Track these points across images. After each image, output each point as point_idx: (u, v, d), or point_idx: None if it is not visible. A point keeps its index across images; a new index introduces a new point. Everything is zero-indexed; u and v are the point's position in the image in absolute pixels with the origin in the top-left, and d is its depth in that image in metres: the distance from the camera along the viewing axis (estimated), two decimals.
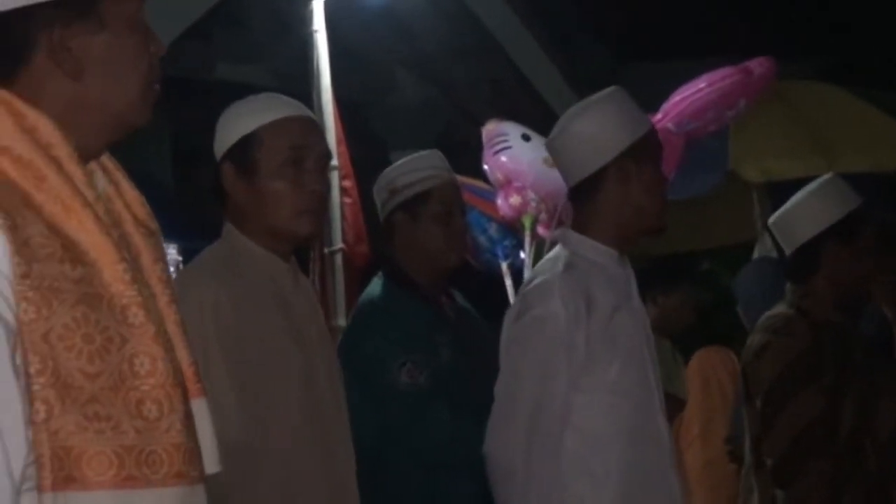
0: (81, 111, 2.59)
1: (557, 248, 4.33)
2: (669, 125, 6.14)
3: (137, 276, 2.52)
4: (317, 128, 4.12)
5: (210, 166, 3.84)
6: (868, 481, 4.98)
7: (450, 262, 5.09)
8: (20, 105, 2.52)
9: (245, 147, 3.81)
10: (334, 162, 5.94)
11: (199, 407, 2.61)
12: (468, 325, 5.07)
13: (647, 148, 4.27)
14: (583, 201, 4.31)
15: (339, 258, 6.05)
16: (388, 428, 4.82)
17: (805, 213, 5.20)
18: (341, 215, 6.11)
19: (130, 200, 2.70)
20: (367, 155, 6.88)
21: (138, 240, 2.64)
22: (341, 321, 5.89)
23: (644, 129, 4.30)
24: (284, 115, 3.89)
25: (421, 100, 10.04)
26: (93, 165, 2.63)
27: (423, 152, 5.29)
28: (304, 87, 6.02)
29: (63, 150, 2.51)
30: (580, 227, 4.28)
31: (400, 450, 4.83)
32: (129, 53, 2.60)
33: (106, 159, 2.69)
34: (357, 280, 6.11)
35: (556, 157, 4.45)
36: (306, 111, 4.03)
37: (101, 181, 2.65)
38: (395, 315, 4.96)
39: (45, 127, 2.52)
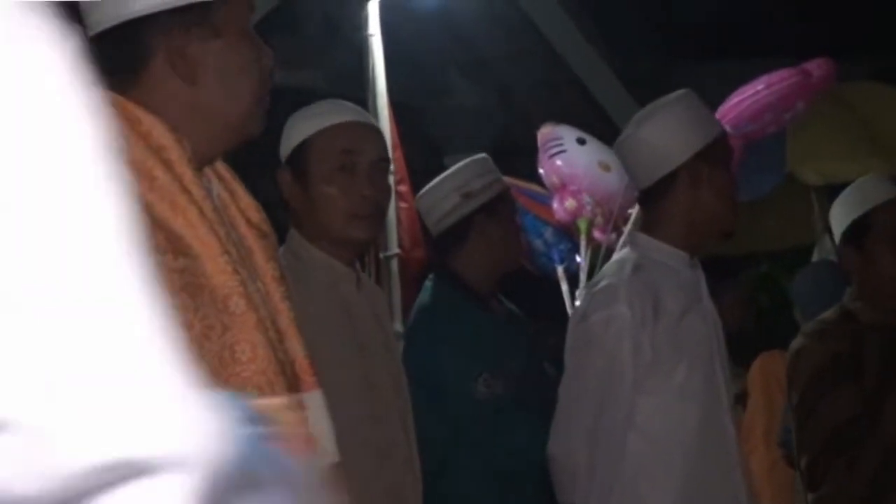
0: (195, 117, 2.67)
1: (625, 251, 4.32)
2: (727, 127, 6.07)
3: (243, 270, 2.60)
4: (372, 132, 4.11)
5: (267, 172, 3.85)
6: None
7: (514, 264, 5.14)
8: (136, 110, 2.59)
9: (300, 154, 3.85)
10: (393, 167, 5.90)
11: (315, 398, 2.71)
12: (519, 328, 5.06)
13: (718, 151, 4.25)
14: (652, 204, 4.30)
15: (394, 263, 6.06)
16: (460, 436, 4.79)
17: (837, 212, 5.12)
18: (397, 220, 6.07)
19: (245, 206, 2.80)
20: (422, 160, 6.85)
21: (252, 241, 2.74)
22: (398, 326, 5.81)
23: (716, 133, 4.29)
24: (338, 120, 3.91)
25: (476, 104, 10.06)
26: (209, 173, 2.74)
27: (478, 156, 5.32)
28: (358, 92, 6.01)
29: (174, 153, 2.58)
30: (649, 229, 4.28)
31: (471, 458, 4.80)
32: (241, 62, 2.66)
33: (223, 169, 2.81)
34: (413, 285, 6.08)
35: (625, 159, 4.44)
36: (364, 116, 4.08)
37: (216, 187, 2.75)
38: (462, 323, 4.94)
39: (159, 131, 2.59)
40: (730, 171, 4.32)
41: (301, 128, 3.89)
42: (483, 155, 5.36)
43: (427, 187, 5.26)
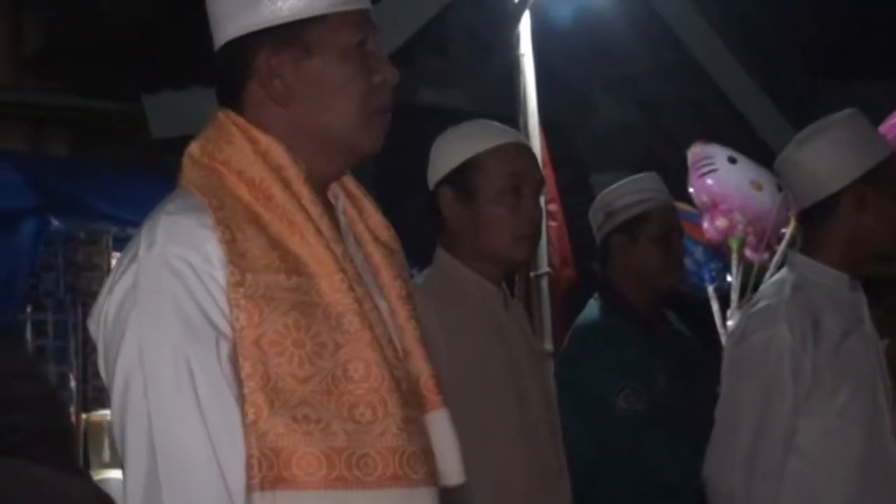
0: (299, 136, 2.66)
1: (783, 271, 4.28)
2: None
3: (360, 287, 2.60)
4: (532, 154, 4.14)
5: (414, 191, 3.87)
6: None
7: (666, 284, 5.09)
8: (254, 131, 2.62)
9: (465, 172, 3.84)
10: None
11: (440, 418, 2.68)
12: (684, 348, 5.04)
13: (885, 174, 4.16)
14: (814, 224, 4.24)
15: (544, 282, 6.05)
16: (604, 452, 4.79)
17: None
18: (547, 239, 6.08)
19: (374, 224, 2.80)
20: (570, 178, 6.85)
21: (379, 259, 2.75)
22: (547, 345, 5.89)
23: (883, 155, 4.20)
24: (503, 141, 3.91)
25: (622, 122, 10.06)
26: (336, 191, 2.75)
27: (639, 175, 5.30)
28: (507, 111, 6.02)
29: (291, 171, 2.60)
30: (809, 250, 4.22)
31: (616, 474, 4.81)
32: (337, 81, 2.64)
33: (353, 186, 2.80)
34: (563, 303, 6.12)
35: (786, 178, 4.40)
36: (521, 137, 4.09)
37: (344, 204, 2.76)
38: (613, 340, 4.95)
39: (276, 150, 2.62)
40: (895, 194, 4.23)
41: (465, 146, 3.88)
42: (646, 173, 5.36)
43: (595, 202, 5.27)
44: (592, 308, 5.10)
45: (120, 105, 8.77)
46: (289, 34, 2.62)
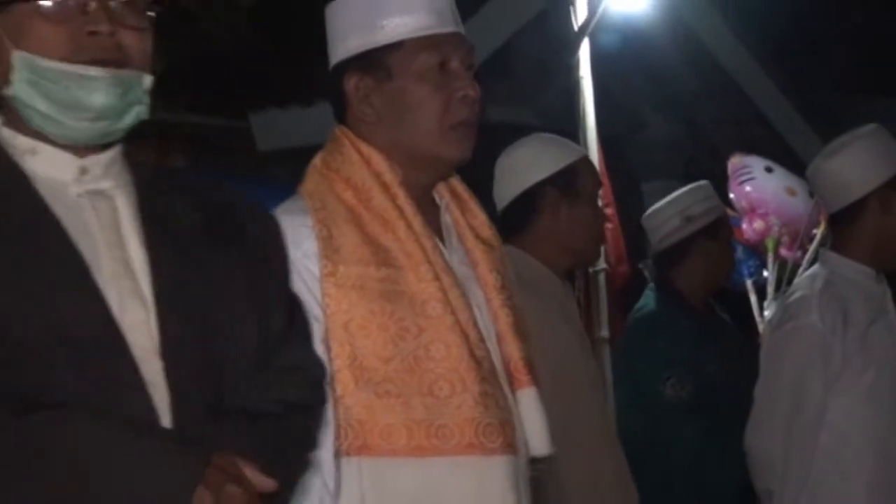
0: (393, 148, 2.71)
1: (816, 267, 4.27)
2: None
3: (447, 277, 2.64)
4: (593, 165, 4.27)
5: (483, 197, 3.88)
6: None
7: (726, 280, 5.25)
8: (360, 143, 2.71)
9: (568, 175, 3.82)
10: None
11: (528, 395, 2.69)
12: (730, 336, 5.05)
13: None
14: (842, 225, 4.21)
15: (601, 277, 6.02)
16: (652, 437, 4.78)
17: None
18: (603, 239, 6.05)
19: (478, 223, 2.82)
20: (623, 186, 6.79)
21: (478, 254, 2.77)
22: (604, 332, 5.87)
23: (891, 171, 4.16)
24: (584, 153, 4.09)
25: (669, 137, 10.07)
26: (443, 192, 2.81)
27: (700, 183, 5.32)
28: (568, 127, 6.00)
29: (388, 177, 2.67)
30: (839, 248, 4.20)
31: (662, 459, 4.78)
32: (415, 100, 2.68)
33: (461, 189, 2.85)
34: (617, 296, 6.10)
35: (817, 185, 4.38)
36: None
37: (449, 204, 2.81)
38: (665, 330, 4.94)
39: (376, 158, 2.69)
40: None
41: (564, 153, 3.87)
42: (704, 182, 5.34)
43: (652, 209, 5.27)
44: (649, 298, 5.11)
45: (230, 122, 8.81)
46: (373, 61, 2.68)
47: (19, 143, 2.18)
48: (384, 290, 2.56)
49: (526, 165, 3.79)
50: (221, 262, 2.24)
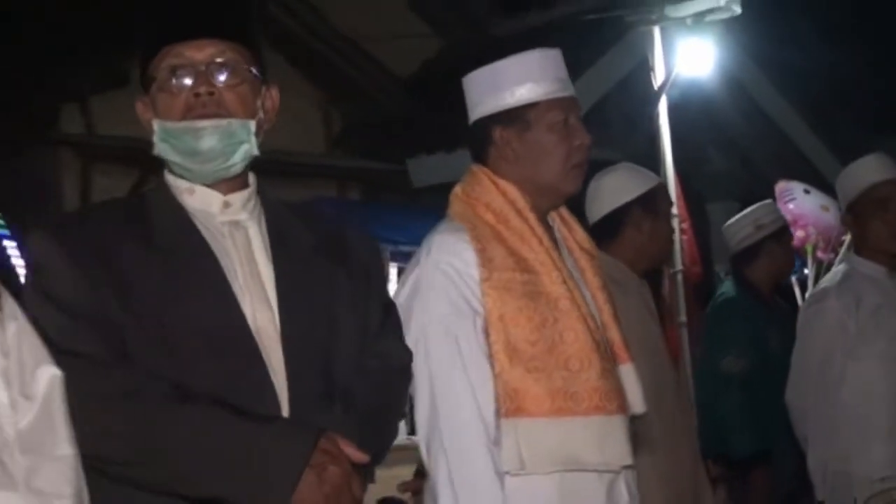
0: (524, 182, 2.69)
1: (842, 265, 4.23)
2: None
3: (570, 281, 2.62)
4: None
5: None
6: None
7: (787, 276, 5.41)
8: (496, 178, 2.70)
9: (650, 197, 3.77)
10: (675, 210, 5.93)
11: (628, 369, 2.68)
12: (787, 319, 4.97)
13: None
14: (855, 231, 4.18)
15: (679, 276, 5.97)
16: (722, 405, 4.81)
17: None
18: (680, 247, 6.02)
19: (580, 238, 2.81)
20: (692, 206, 6.73)
21: (584, 262, 2.75)
22: (682, 318, 5.81)
23: (883, 177, 4.06)
24: (660, 180, 4.06)
25: (728, 168, 9.94)
26: (554, 216, 2.79)
27: (766, 201, 5.42)
28: (651, 163, 5.92)
29: (521, 204, 2.66)
30: (857, 250, 4.16)
31: (730, 423, 4.82)
32: (548, 146, 2.67)
33: (565, 212, 2.82)
34: (692, 291, 6.05)
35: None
36: None
37: (558, 225, 2.79)
38: (739, 313, 4.93)
39: (511, 190, 2.68)
40: None
41: (645, 180, 3.81)
42: (769, 200, 5.41)
43: (729, 222, 5.27)
44: (727, 288, 5.11)
45: (392, 165, 8.85)
46: (515, 115, 2.67)
47: (180, 185, 2.19)
48: (527, 290, 2.55)
49: (616, 189, 3.69)
50: (329, 274, 2.20)
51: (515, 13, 9.84)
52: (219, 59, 2.13)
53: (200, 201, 2.18)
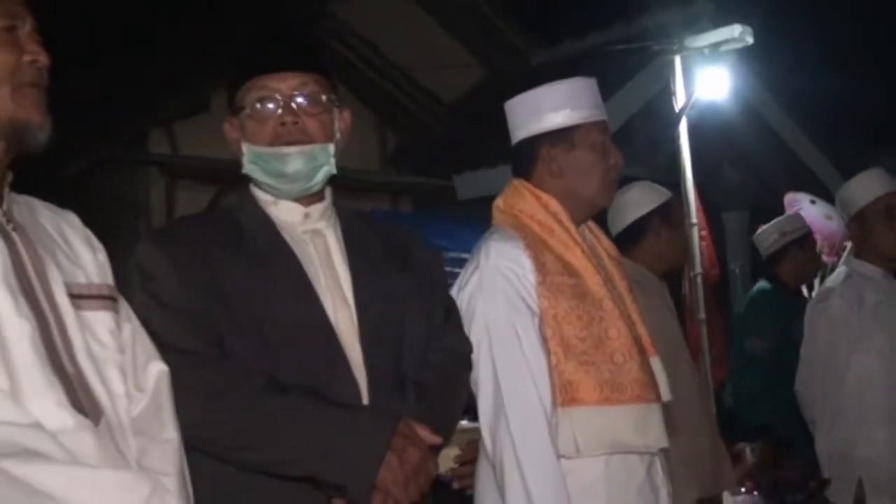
0: (566, 196, 2.68)
1: (844, 268, 4.21)
2: None
3: (608, 283, 2.62)
4: None
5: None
6: None
7: (812, 279, 5.51)
8: (538, 192, 2.68)
9: (667, 208, 3.77)
10: (694, 220, 6.06)
11: (655, 361, 2.66)
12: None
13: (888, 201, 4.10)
14: (856, 237, 4.19)
15: (699, 278, 5.97)
16: (750, 384, 4.93)
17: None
18: (700, 251, 6.02)
19: (607, 246, 2.79)
20: (709, 215, 6.73)
21: (611, 267, 2.73)
22: (702, 315, 5.82)
23: (887, 189, 4.10)
24: (672, 194, 3.90)
25: (741, 181, 9.86)
26: (584, 228, 2.75)
27: (790, 213, 5.63)
28: (672, 179, 5.93)
29: (563, 216, 2.64)
30: (857, 254, 4.16)
31: (758, 403, 4.88)
32: (589, 163, 2.66)
33: (592, 224, 2.79)
34: (711, 291, 6.03)
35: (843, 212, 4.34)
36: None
37: (588, 235, 2.76)
38: (771, 303, 5.03)
39: (552, 202, 2.66)
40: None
41: (661, 193, 3.78)
42: (795, 213, 5.61)
43: (760, 230, 5.38)
44: (763, 284, 5.22)
45: (440, 181, 8.88)
46: (562, 135, 2.65)
47: (265, 198, 2.22)
48: (575, 292, 2.54)
49: (636, 203, 3.69)
50: (398, 277, 2.21)
51: (550, 44, 9.86)
52: (301, 90, 2.17)
53: (284, 212, 2.21)
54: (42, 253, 1.73)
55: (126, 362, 1.81)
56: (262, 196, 2.23)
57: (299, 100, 2.17)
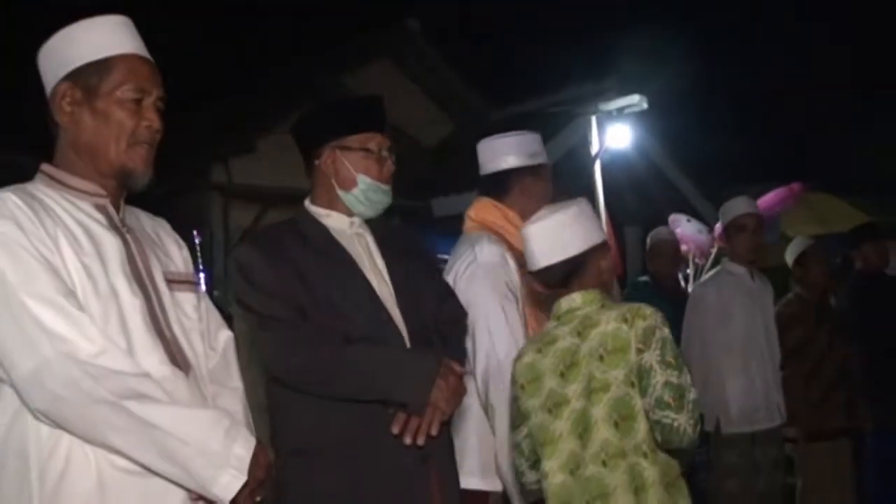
0: (519, 209, 2.59)
1: (717, 266, 4.07)
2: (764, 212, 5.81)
3: None
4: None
5: None
6: None
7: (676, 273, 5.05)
8: (501, 206, 2.60)
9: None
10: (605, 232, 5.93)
11: None
12: (682, 302, 4.47)
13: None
14: (727, 244, 3.99)
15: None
16: None
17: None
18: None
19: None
20: (616, 228, 6.72)
21: None
22: None
23: (744, 211, 3.90)
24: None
25: (636, 207, 9.78)
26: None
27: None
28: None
29: (518, 221, 2.53)
30: (730, 257, 3.97)
31: None
32: (543, 192, 2.59)
33: None
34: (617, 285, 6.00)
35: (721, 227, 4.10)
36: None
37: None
38: (647, 298, 4.52)
39: (512, 214, 2.59)
40: None
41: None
42: (674, 228, 5.35)
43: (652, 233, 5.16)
44: (643, 277, 4.99)
45: (419, 203, 8.87)
46: (532, 170, 2.57)
47: (320, 210, 2.19)
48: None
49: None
50: (415, 266, 2.20)
51: (503, 105, 10.01)
52: (389, 144, 2.24)
53: (335, 221, 2.19)
54: (146, 249, 1.76)
55: (203, 329, 1.82)
56: (316, 210, 2.21)
57: (390, 151, 2.23)
